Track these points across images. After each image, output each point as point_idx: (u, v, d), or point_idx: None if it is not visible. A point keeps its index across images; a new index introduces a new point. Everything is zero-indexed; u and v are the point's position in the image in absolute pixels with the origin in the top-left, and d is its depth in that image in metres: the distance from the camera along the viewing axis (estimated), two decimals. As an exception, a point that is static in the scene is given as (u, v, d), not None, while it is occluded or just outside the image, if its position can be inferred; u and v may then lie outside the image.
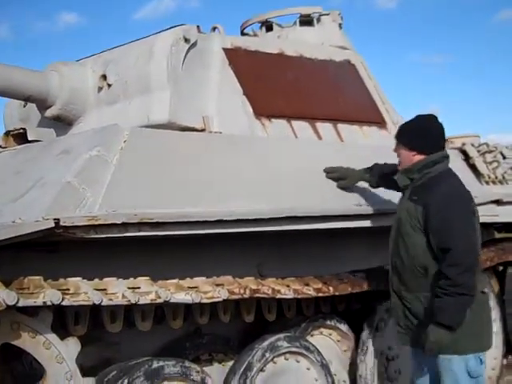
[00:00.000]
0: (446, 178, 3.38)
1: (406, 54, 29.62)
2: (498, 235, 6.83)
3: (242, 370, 3.41)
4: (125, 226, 2.94)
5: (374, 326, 4.26)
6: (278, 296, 3.48)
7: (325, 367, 3.83)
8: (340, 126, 5.03)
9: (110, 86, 4.41)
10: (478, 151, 5.71)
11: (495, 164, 5.67)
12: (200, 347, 3.70)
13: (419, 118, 3.57)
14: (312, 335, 4.08)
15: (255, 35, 5.79)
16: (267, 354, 3.48)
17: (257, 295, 3.36)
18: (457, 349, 3.19)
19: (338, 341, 4.26)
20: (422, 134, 3.45)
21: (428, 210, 3.23)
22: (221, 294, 3.14)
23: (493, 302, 5.40)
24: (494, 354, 5.42)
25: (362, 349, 4.21)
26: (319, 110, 4.95)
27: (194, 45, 4.32)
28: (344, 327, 4.29)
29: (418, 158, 3.42)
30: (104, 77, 4.41)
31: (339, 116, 5.07)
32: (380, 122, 5.42)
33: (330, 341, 4.23)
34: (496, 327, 5.43)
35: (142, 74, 4.27)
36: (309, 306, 3.99)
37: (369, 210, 4.20)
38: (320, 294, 3.75)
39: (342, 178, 4.09)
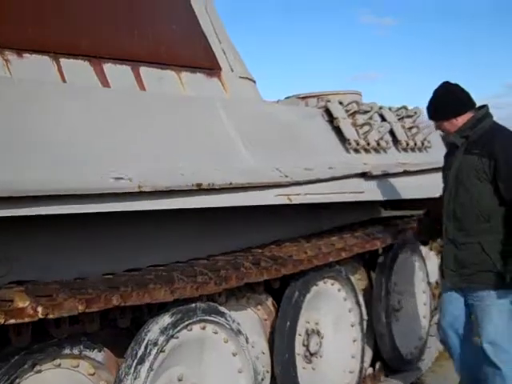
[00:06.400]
0: (499, 130, 3.61)
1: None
2: (384, 213, 5.88)
3: None
4: None
5: (293, 300, 3.68)
6: None
7: None
8: (143, 69, 3.63)
9: None
10: (347, 111, 4.42)
11: (367, 128, 4.37)
12: None
13: (441, 87, 3.68)
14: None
15: None
16: None
17: None
18: (504, 283, 3.43)
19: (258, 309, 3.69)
20: (457, 97, 3.64)
21: (496, 161, 3.43)
22: None
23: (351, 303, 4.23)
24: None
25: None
26: (110, 45, 3.52)
27: None
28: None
29: (464, 118, 3.60)
30: None
31: (143, 56, 3.65)
32: (211, 68, 4.03)
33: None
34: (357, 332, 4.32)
35: None
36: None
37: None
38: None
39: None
